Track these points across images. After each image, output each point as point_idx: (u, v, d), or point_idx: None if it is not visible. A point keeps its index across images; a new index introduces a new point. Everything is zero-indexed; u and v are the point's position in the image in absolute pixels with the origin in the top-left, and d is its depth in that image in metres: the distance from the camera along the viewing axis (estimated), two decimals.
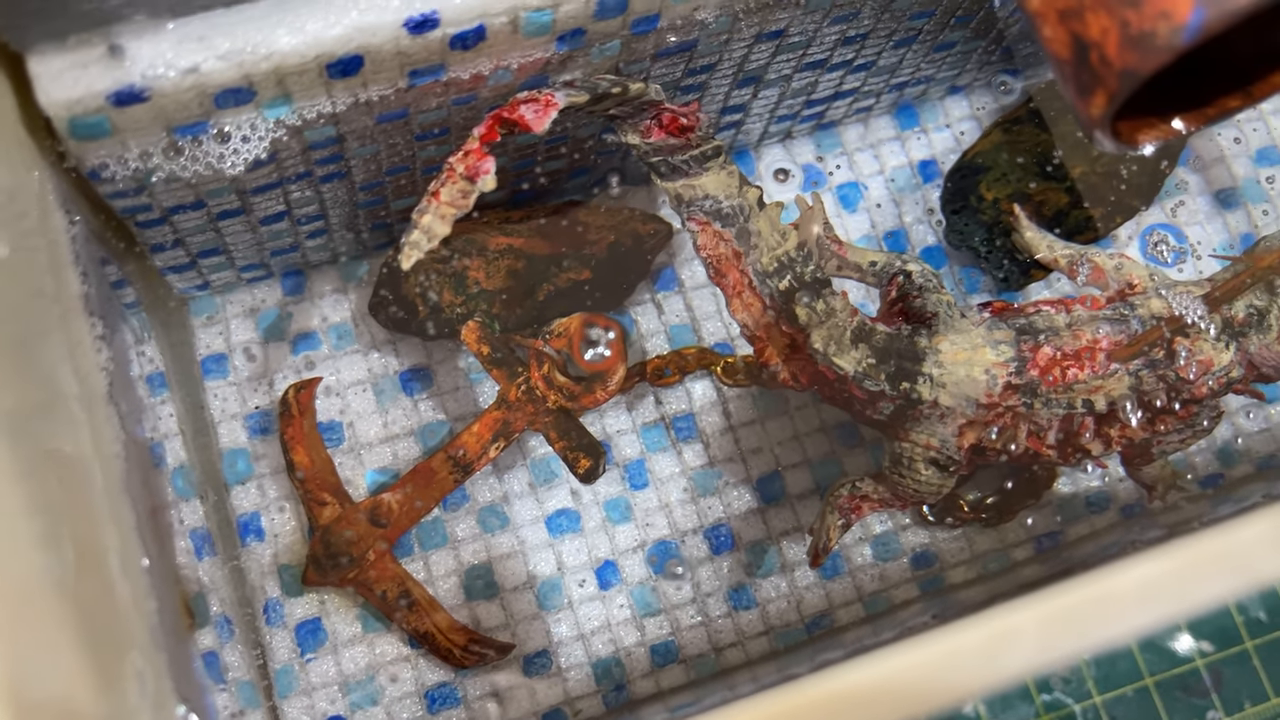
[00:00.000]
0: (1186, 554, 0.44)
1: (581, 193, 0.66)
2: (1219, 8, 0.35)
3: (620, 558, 0.63)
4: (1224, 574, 0.44)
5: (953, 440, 0.55)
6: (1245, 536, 0.45)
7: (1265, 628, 0.71)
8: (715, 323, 0.66)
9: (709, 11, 0.50)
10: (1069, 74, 0.41)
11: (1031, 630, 0.42)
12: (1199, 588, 0.43)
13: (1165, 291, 0.55)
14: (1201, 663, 0.69)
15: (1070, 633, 0.41)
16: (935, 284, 0.58)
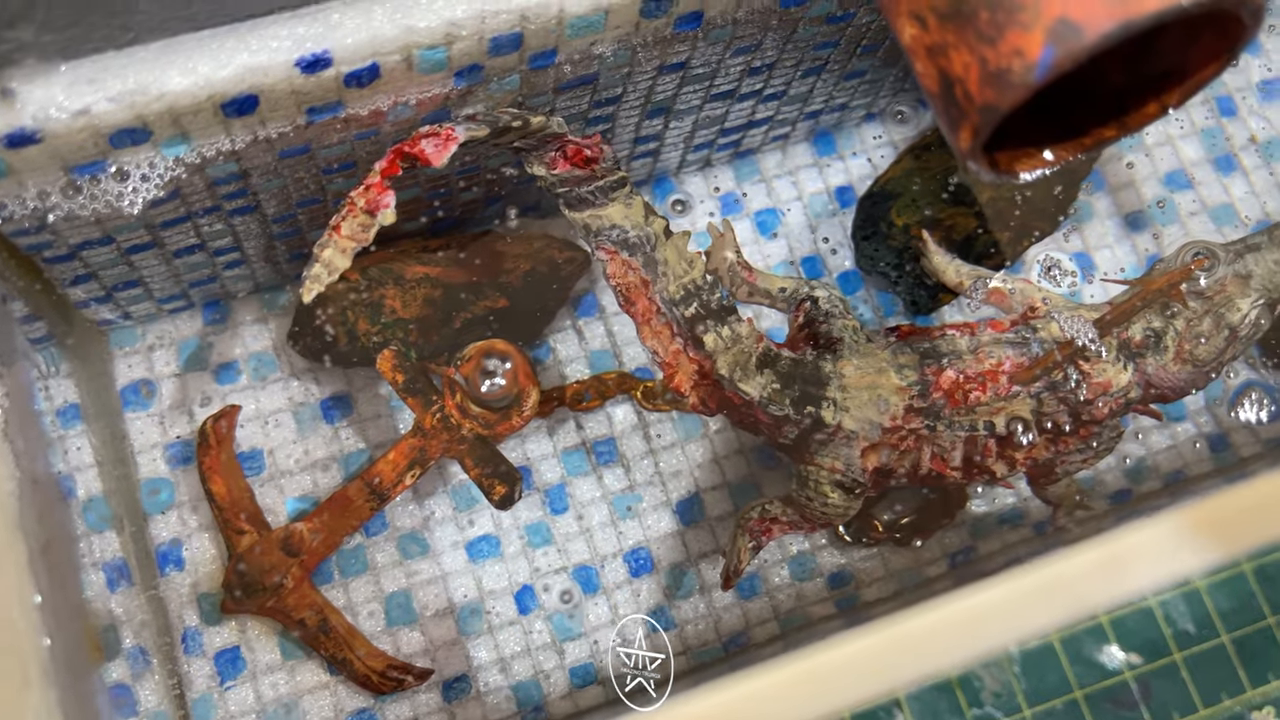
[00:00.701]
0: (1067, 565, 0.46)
1: (501, 221, 0.67)
2: (1067, 46, 0.37)
3: (540, 581, 0.64)
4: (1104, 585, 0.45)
5: (857, 463, 0.56)
6: (1128, 545, 0.46)
7: (1193, 639, 0.72)
8: (636, 348, 0.67)
9: (606, 46, 0.51)
10: (940, 108, 0.42)
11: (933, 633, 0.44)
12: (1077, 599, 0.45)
13: (1058, 315, 0.56)
14: (1130, 675, 0.71)
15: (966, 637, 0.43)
16: (841, 309, 0.59)
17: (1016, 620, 0.45)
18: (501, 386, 0.54)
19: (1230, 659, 0.72)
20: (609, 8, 0.49)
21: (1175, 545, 0.48)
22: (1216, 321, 0.56)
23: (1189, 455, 0.68)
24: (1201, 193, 0.72)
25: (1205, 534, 0.48)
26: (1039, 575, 0.47)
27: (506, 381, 0.54)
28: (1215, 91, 0.74)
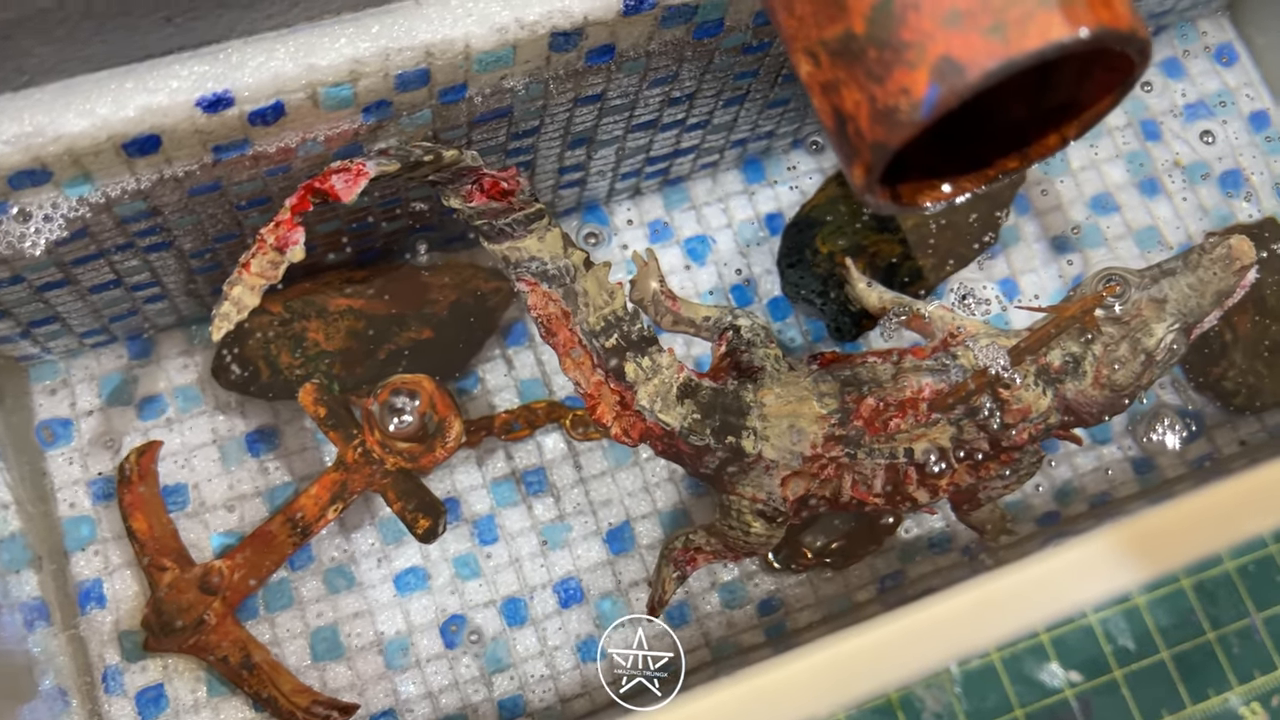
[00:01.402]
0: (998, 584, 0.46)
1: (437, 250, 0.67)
2: (951, 85, 0.37)
3: (469, 613, 0.63)
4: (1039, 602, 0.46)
5: (778, 492, 0.57)
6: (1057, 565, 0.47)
7: (1133, 656, 0.72)
8: (566, 376, 0.67)
9: (518, 80, 0.52)
10: (835, 144, 0.42)
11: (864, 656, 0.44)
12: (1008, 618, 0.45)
13: (973, 343, 0.57)
14: (1071, 693, 0.71)
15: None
16: (763, 338, 0.59)
17: (948, 641, 0.46)
18: (409, 425, 0.54)
19: (1170, 675, 0.72)
20: (517, 42, 0.49)
21: (1105, 564, 0.48)
22: (1133, 346, 0.56)
23: (1115, 477, 0.68)
24: (1127, 216, 0.73)
25: (1135, 553, 0.48)
26: (971, 595, 0.48)
27: (414, 420, 0.54)
28: (1140, 115, 0.75)
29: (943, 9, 0.37)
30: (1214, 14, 0.77)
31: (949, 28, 0.37)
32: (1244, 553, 0.75)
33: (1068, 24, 0.37)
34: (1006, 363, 0.56)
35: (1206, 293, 0.57)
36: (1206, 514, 0.51)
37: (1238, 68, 0.76)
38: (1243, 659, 0.73)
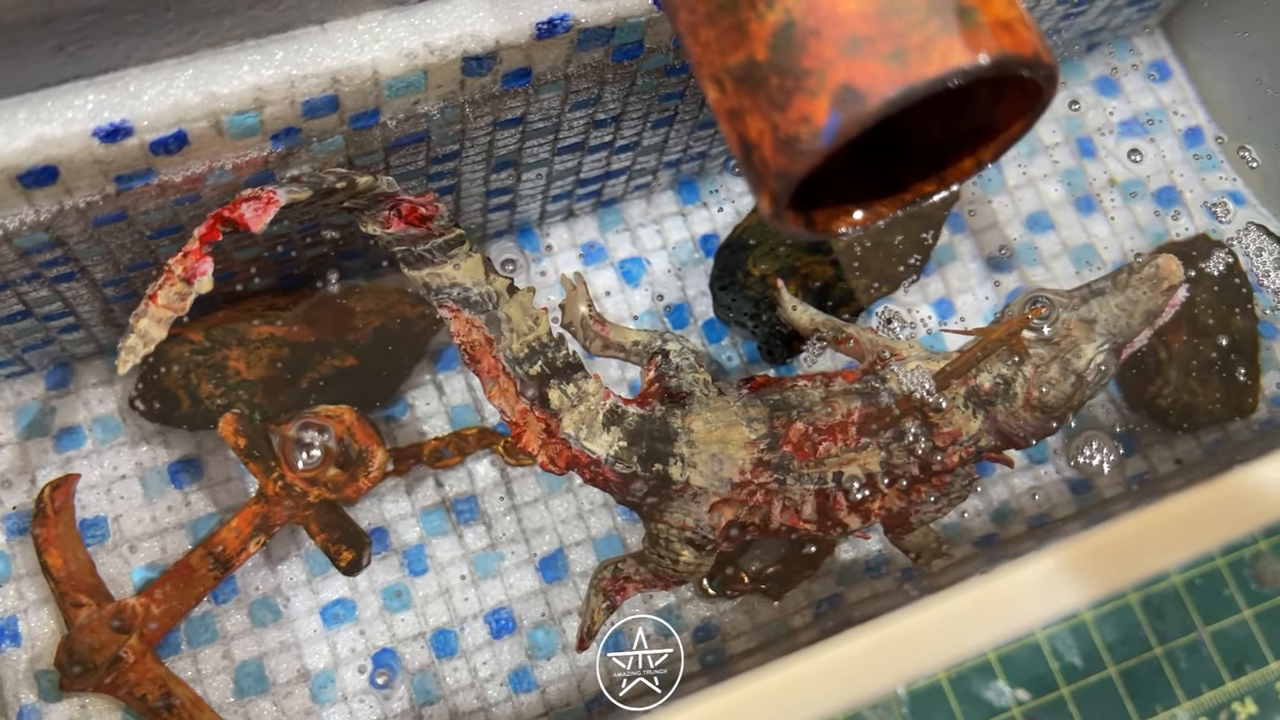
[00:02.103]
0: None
1: (363, 275, 0.66)
2: (851, 112, 0.36)
3: (399, 646, 0.62)
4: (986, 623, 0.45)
5: (706, 519, 0.56)
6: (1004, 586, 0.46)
7: (1080, 673, 0.72)
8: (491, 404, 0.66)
9: (432, 105, 0.51)
10: (744, 171, 0.41)
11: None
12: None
13: (898, 368, 0.56)
14: (1018, 711, 0.70)
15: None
16: (693, 363, 0.58)
17: (893, 666, 0.45)
18: (318, 460, 0.52)
19: (1118, 692, 0.72)
20: (428, 68, 0.48)
21: (1047, 586, 0.48)
22: (1063, 367, 0.56)
23: (1053, 498, 0.68)
24: (1063, 234, 0.73)
25: (1075, 574, 0.48)
26: (916, 619, 0.47)
27: (323, 455, 0.53)
28: (1075, 133, 0.75)
29: (843, 35, 0.37)
30: (1148, 31, 0.77)
31: (849, 55, 0.36)
32: (1191, 567, 0.75)
33: (968, 50, 0.36)
34: (931, 387, 0.55)
35: (1135, 312, 0.56)
36: (1147, 534, 0.51)
37: (1172, 84, 0.77)
38: (1190, 674, 0.72)
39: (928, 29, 0.36)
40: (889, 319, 0.59)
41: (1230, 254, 0.69)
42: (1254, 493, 0.51)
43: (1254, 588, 0.74)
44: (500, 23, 0.48)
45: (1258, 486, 0.51)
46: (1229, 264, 0.68)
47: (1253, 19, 0.71)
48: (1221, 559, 0.75)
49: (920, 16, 0.36)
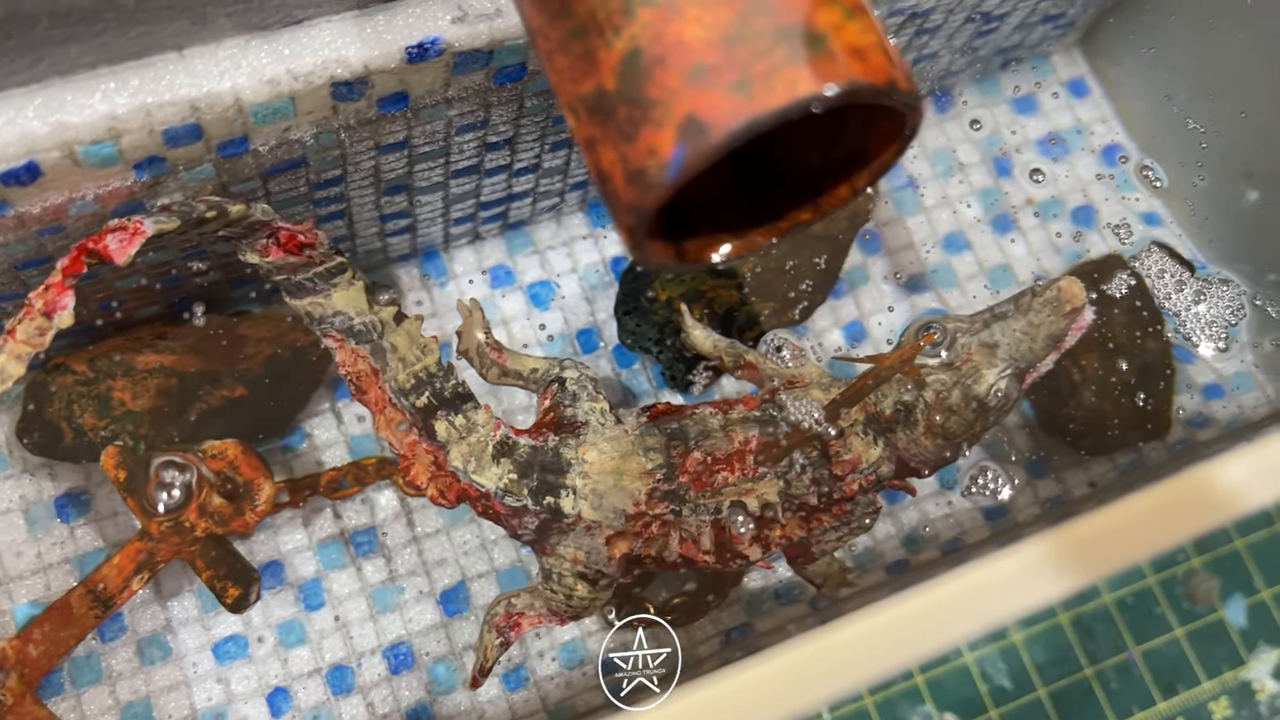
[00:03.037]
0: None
1: (260, 302, 0.64)
2: (696, 145, 0.35)
3: (293, 684, 0.60)
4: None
5: (601, 552, 0.54)
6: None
7: (1010, 695, 0.71)
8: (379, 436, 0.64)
9: (304, 131, 0.49)
10: (603, 200, 0.40)
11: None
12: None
13: (785, 396, 0.55)
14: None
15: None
16: (590, 391, 0.57)
17: (799, 689, 0.45)
18: (179, 502, 0.51)
19: (1047, 713, 0.71)
20: (294, 94, 0.46)
21: (954, 610, 0.48)
22: (964, 394, 0.55)
23: (965, 523, 0.67)
24: (979, 254, 0.72)
25: (984, 598, 0.48)
26: (818, 644, 0.47)
27: (182, 495, 0.51)
28: (992, 152, 0.74)
29: (688, 64, 0.35)
30: (1067, 49, 0.77)
31: (694, 84, 0.35)
32: (1121, 585, 0.74)
33: (816, 79, 0.35)
34: (821, 417, 0.54)
35: (1038, 336, 0.55)
36: (1058, 555, 0.51)
37: (1089, 101, 0.76)
38: (1121, 694, 0.72)
39: (774, 57, 0.35)
40: (779, 346, 0.57)
41: (1134, 275, 0.68)
42: (1161, 513, 0.51)
43: (1186, 606, 0.74)
44: (367, 47, 0.46)
45: (1173, 502, 0.51)
46: (1132, 285, 0.68)
47: (1166, 36, 0.71)
48: (1153, 577, 0.75)
49: (766, 44, 0.35)
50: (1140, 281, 0.68)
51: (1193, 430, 0.69)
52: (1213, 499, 0.50)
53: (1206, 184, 0.71)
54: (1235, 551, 0.76)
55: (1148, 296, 0.67)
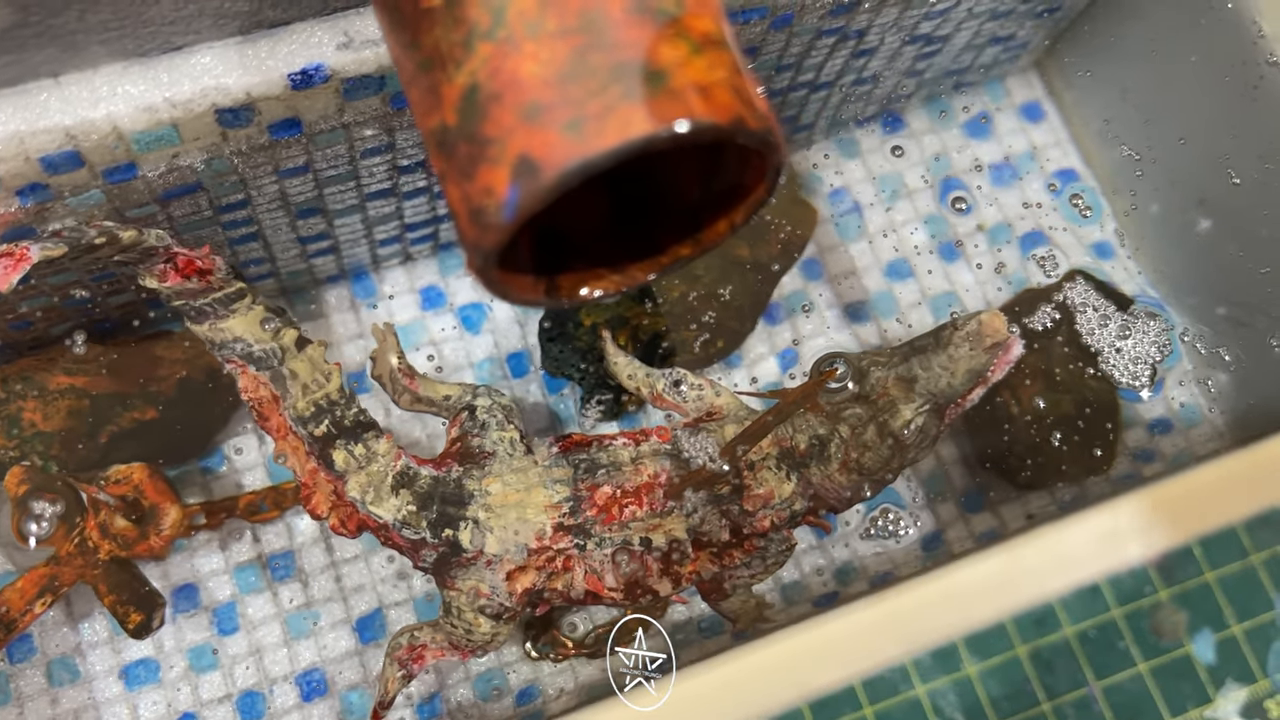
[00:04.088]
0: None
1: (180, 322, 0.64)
2: (529, 186, 0.34)
3: (203, 709, 0.60)
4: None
5: (503, 587, 0.53)
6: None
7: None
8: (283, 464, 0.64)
9: (194, 157, 0.49)
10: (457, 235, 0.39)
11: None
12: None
13: (680, 432, 0.54)
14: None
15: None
16: (500, 420, 0.56)
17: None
18: (48, 533, 0.50)
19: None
20: (175, 121, 0.46)
21: (878, 632, 0.47)
22: (880, 429, 0.54)
23: (898, 557, 0.65)
24: (923, 282, 0.70)
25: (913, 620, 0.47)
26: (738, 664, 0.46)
27: (52, 528, 0.50)
28: (941, 175, 0.72)
29: (524, 102, 0.34)
30: (1022, 70, 0.75)
31: (528, 123, 0.34)
32: (1083, 616, 0.72)
33: (651, 119, 0.34)
34: (714, 453, 0.53)
35: (958, 371, 0.54)
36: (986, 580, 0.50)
37: (1045, 125, 0.74)
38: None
39: (608, 96, 0.34)
40: (676, 380, 0.56)
41: (1062, 309, 0.66)
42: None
43: (1152, 640, 0.72)
44: (249, 74, 0.46)
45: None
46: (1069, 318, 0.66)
47: (1119, 58, 0.69)
48: (1117, 609, 0.73)
49: (602, 82, 0.34)
50: (1072, 315, 0.66)
51: (1139, 464, 0.67)
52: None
53: (1157, 212, 0.69)
54: (1205, 584, 0.74)
55: (1091, 329, 0.65)
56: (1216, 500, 0.51)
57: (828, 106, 0.69)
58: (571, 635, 0.62)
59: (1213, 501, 0.51)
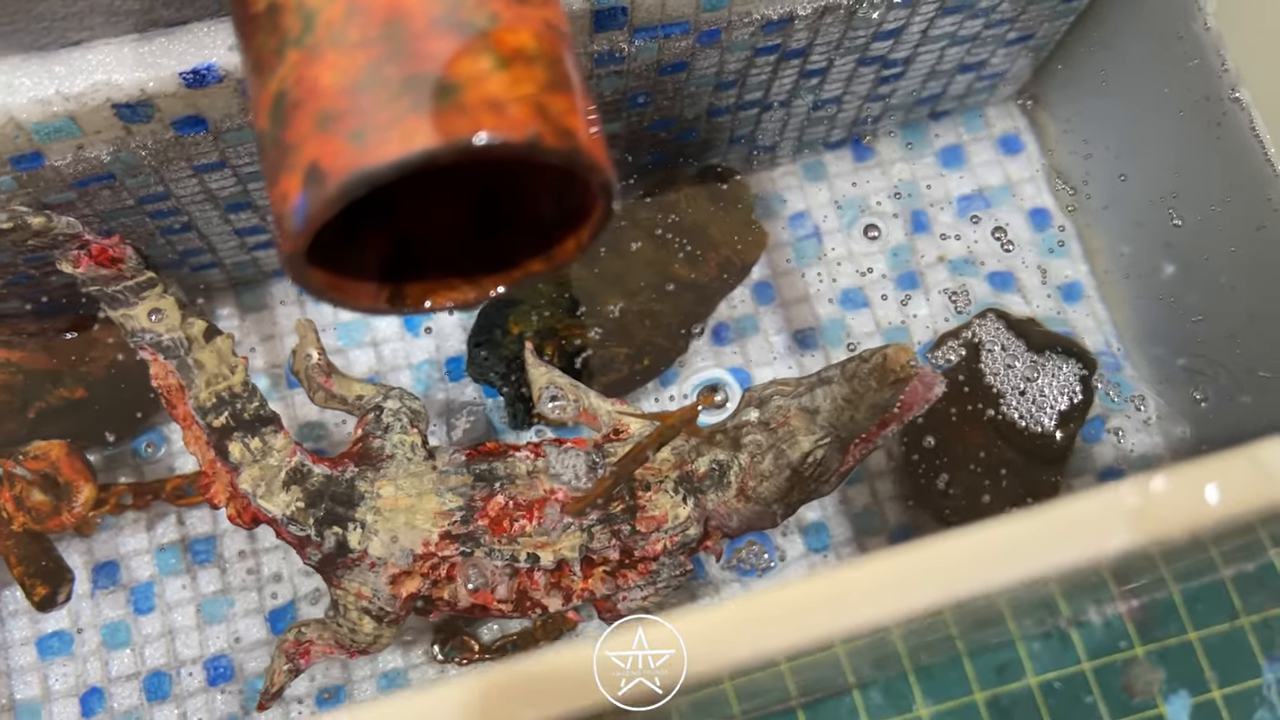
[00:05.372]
0: None
1: None
2: (316, 194, 0.34)
3: (110, 685, 0.61)
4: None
5: (385, 590, 0.54)
6: None
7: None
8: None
9: (101, 149, 0.50)
10: None
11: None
12: None
13: (549, 448, 0.54)
14: None
15: None
16: (405, 424, 0.56)
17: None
18: None
19: None
20: (72, 114, 0.47)
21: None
22: (778, 459, 0.53)
23: None
24: (878, 313, 0.68)
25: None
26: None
27: None
28: (911, 205, 0.70)
29: (319, 110, 0.35)
30: (1003, 102, 0.72)
31: (320, 131, 0.34)
32: (1050, 666, 0.70)
33: (436, 132, 0.33)
34: (580, 473, 0.53)
35: (861, 405, 0.52)
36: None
37: (1022, 159, 0.72)
38: None
39: (397, 107, 0.34)
40: (554, 395, 0.56)
41: (968, 345, 0.64)
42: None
43: (1123, 698, 0.69)
44: (141, 72, 0.47)
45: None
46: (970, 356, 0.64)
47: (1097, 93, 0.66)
48: (1088, 663, 0.70)
49: (392, 93, 0.34)
50: (976, 351, 0.63)
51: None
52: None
53: (1127, 254, 0.66)
54: (1188, 643, 0.70)
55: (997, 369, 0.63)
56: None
57: (789, 128, 0.67)
58: (479, 639, 0.62)
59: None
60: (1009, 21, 0.63)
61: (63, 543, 0.62)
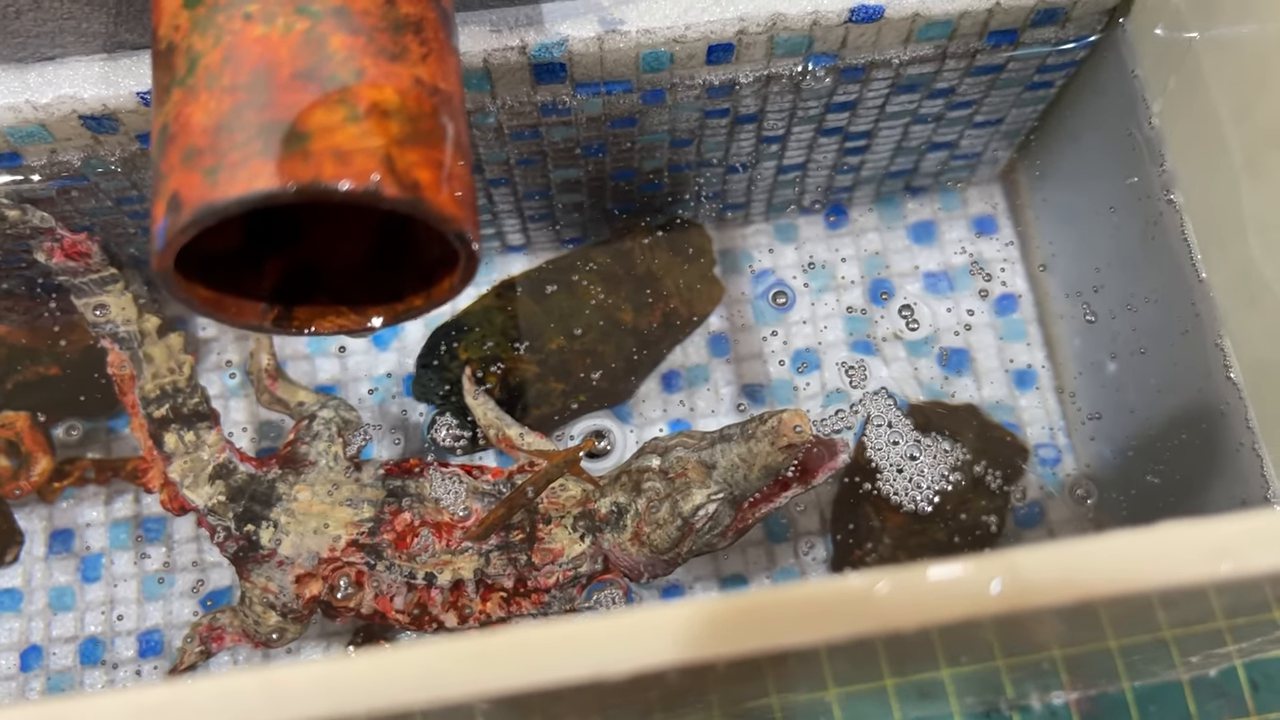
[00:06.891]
0: None
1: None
2: (173, 222, 0.38)
3: (50, 645, 0.66)
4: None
5: (290, 589, 0.57)
6: None
7: None
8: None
9: (73, 155, 0.55)
10: None
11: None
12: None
13: (433, 472, 0.57)
14: None
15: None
16: (332, 434, 0.59)
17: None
18: None
19: None
20: (41, 122, 0.52)
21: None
22: (672, 509, 0.54)
23: None
24: (826, 376, 0.69)
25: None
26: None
27: None
28: (874, 274, 0.71)
29: (186, 145, 0.38)
30: (984, 183, 0.73)
31: (185, 165, 0.38)
32: None
33: (277, 175, 0.36)
34: (458, 499, 0.55)
35: (755, 465, 0.54)
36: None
37: (995, 241, 0.72)
38: None
39: (249, 149, 0.37)
40: (454, 431, 0.58)
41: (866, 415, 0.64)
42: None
43: None
44: (105, 88, 0.51)
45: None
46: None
47: (1065, 183, 0.66)
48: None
49: (248, 136, 0.37)
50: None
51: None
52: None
53: (1079, 347, 0.66)
54: None
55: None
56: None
57: (756, 189, 0.69)
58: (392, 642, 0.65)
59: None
60: (972, 104, 0.63)
61: (26, 508, 0.67)
